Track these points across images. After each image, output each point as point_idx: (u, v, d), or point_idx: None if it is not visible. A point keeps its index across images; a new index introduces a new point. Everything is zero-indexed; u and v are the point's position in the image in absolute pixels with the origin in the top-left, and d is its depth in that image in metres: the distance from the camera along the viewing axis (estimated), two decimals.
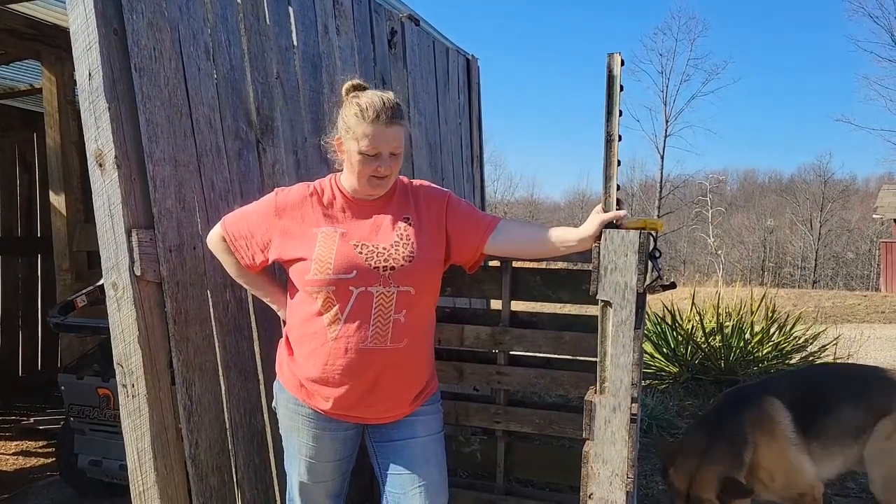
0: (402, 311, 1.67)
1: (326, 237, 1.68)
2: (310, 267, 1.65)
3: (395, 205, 1.75)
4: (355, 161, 1.66)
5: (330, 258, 1.64)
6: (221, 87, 2.07)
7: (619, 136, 1.62)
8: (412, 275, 1.67)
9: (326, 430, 1.75)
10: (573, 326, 2.21)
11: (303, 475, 1.79)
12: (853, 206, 34.26)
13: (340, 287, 1.63)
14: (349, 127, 1.66)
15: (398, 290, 1.66)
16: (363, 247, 1.67)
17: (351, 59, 2.80)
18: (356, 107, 1.65)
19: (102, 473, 2.94)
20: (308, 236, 1.69)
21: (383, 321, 1.65)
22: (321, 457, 1.77)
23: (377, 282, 1.64)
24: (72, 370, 3.03)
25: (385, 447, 1.77)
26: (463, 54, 4.33)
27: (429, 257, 1.71)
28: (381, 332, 1.66)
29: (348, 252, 1.65)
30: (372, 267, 1.64)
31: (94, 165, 1.76)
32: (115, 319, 1.80)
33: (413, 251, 1.68)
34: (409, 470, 1.73)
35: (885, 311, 11.85)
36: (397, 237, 1.69)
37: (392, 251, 1.67)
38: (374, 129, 1.62)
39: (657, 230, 1.64)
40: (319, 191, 1.76)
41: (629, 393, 1.58)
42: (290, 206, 1.73)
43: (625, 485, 1.59)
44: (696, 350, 4.86)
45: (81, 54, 1.73)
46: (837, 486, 3.24)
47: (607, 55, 1.61)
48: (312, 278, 1.64)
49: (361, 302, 1.64)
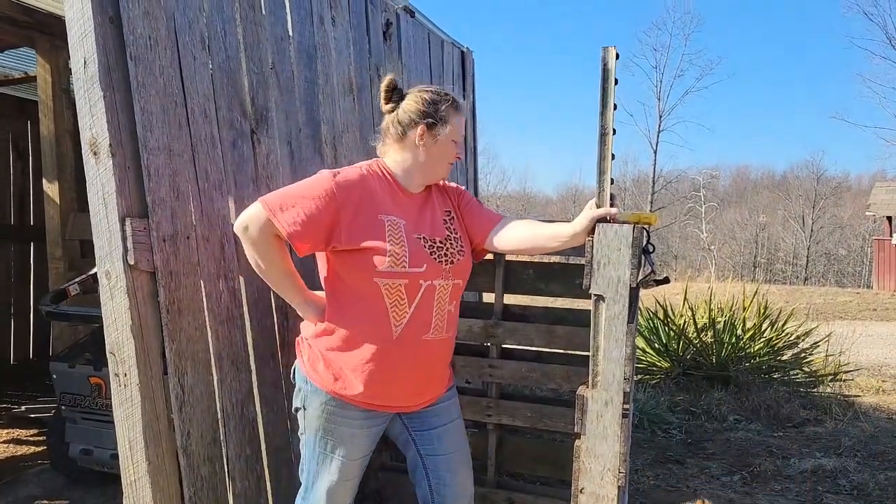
0: (454, 303, 1.78)
1: (393, 228, 1.67)
2: (384, 259, 1.63)
3: (435, 198, 1.83)
4: (445, 147, 1.76)
5: (404, 252, 1.65)
6: (217, 77, 2.05)
7: (614, 130, 1.62)
8: (464, 268, 1.79)
9: (363, 427, 1.76)
10: (566, 320, 2.22)
11: (334, 474, 1.76)
12: (845, 204, 34.40)
13: (412, 280, 1.67)
14: (443, 116, 1.74)
15: (453, 283, 1.75)
16: (425, 240, 1.72)
17: (346, 51, 2.79)
18: (447, 98, 1.76)
19: (94, 462, 2.94)
20: (375, 223, 1.65)
21: (441, 313, 1.74)
22: (354, 454, 1.77)
23: (440, 275, 1.71)
24: (63, 358, 3.02)
25: (428, 434, 1.85)
26: (458, 46, 4.32)
27: (469, 250, 1.82)
28: (440, 324, 1.75)
29: (418, 246, 1.69)
30: (437, 261, 1.71)
31: (88, 154, 1.75)
32: (108, 308, 1.79)
33: (463, 246, 1.79)
34: (453, 450, 1.86)
35: (876, 308, 11.93)
36: (447, 231, 1.78)
37: (447, 245, 1.75)
38: (459, 117, 1.78)
39: (651, 224, 1.64)
40: (372, 175, 1.72)
41: (621, 387, 1.59)
42: (353, 188, 1.66)
43: (616, 480, 1.60)
44: (688, 345, 4.88)
45: (77, 42, 1.72)
46: (829, 483, 3.27)
47: (602, 48, 1.61)
48: (388, 270, 1.63)
49: (428, 295, 1.70)
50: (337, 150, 2.63)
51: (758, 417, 4.25)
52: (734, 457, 3.63)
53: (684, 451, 3.74)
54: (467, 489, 1.88)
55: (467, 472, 1.89)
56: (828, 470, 3.39)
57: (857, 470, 3.39)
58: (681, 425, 4.08)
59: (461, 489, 1.86)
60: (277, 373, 2.22)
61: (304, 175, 1.95)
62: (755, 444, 3.81)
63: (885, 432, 4.04)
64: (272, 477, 2.17)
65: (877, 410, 4.64)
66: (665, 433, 3.97)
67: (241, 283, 2.09)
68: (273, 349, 2.21)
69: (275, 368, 2.21)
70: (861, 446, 3.75)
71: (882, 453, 3.66)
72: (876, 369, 6.20)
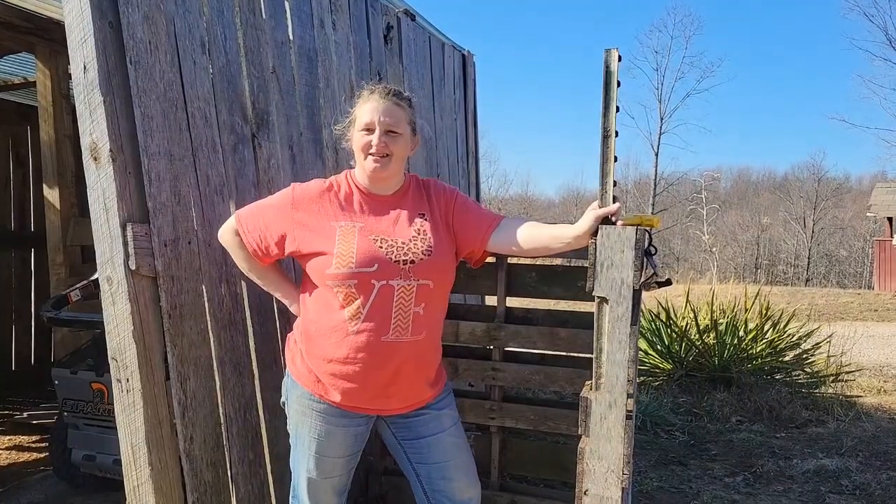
0: (422, 304, 1.72)
1: (345, 231, 1.70)
2: (331, 261, 1.67)
3: (410, 201, 1.80)
4: (356, 140, 1.74)
5: (352, 252, 1.66)
6: (217, 81, 2.05)
7: (616, 132, 1.62)
8: (431, 268, 1.72)
9: (339, 426, 1.77)
10: (568, 323, 2.22)
11: (311, 471, 1.79)
12: (846, 205, 34.40)
13: (363, 281, 1.66)
14: (353, 113, 1.76)
15: (418, 284, 1.70)
16: (382, 241, 1.70)
17: (347, 54, 2.79)
18: (360, 91, 1.78)
19: (96, 468, 2.93)
20: (327, 230, 1.71)
21: (404, 314, 1.70)
22: (331, 452, 1.78)
23: (398, 275, 1.68)
24: (65, 364, 3.01)
25: (417, 444, 1.82)
26: (459, 50, 4.33)
27: (445, 251, 1.77)
28: (403, 325, 1.70)
29: (369, 246, 1.68)
30: (393, 260, 1.68)
31: (88, 159, 1.75)
32: (110, 314, 1.79)
33: (431, 245, 1.73)
34: (446, 459, 1.83)
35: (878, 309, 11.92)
36: (415, 232, 1.74)
37: (411, 245, 1.71)
38: (370, 104, 1.72)
39: (653, 227, 1.64)
40: (336, 186, 1.79)
41: (625, 389, 1.59)
42: (307, 200, 1.77)
43: (620, 481, 1.59)
44: (690, 347, 4.88)
45: (76, 47, 1.72)
46: (831, 483, 3.26)
47: (605, 51, 1.61)
48: (335, 272, 1.66)
49: (383, 295, 1.67)
50: (338, 154, 2.63)
51: (760, 418, 4.24)
52: (737, 458, 3.63)
53: (687, 452, 3.73)
54: (465, 494, 1.85)
55: (466, 479, 1.86)
56: (830, 470, 3.39)
57: (860, 470, 3.39)
58: (683, 427, 4.07)
59: (458, 496, 1.84)
60: (280, 378, 2.21)
61: (305, 178, 1.96)
62: (758, 445, 3.80)
63: (887, 432, 4.03)
64: (275, 482, 2.16)
65: (878, 411, 4.63)
66: (668, 435, 3.96)
67: (243, 288, 2.09)
68: (275, 354, 2.21)
69: (277, 373, 2.21)
70: (863, 446, 3.75)
71: (884, 453, 3.65)
72: (877, 370, 6.19)
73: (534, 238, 1.78)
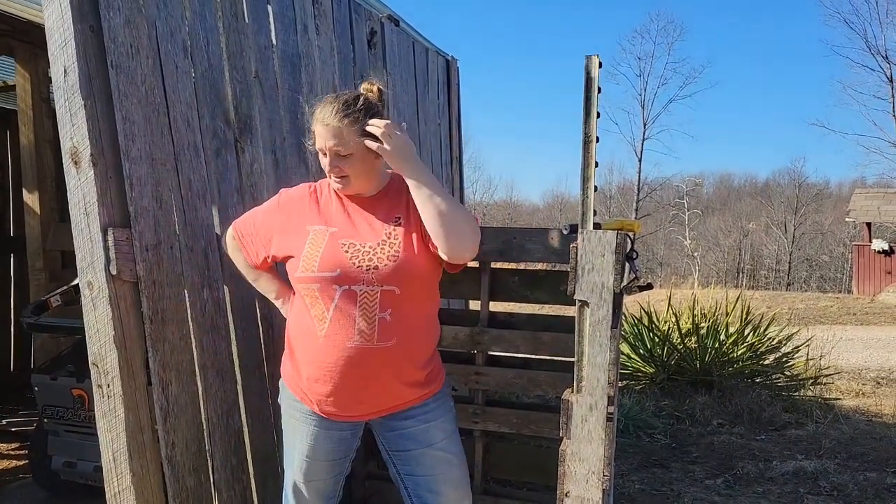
0: (388, 310, 1.66)
1: (317, 235, 1.71)
2: (297, 264, 1.68)
3: (387, 203, 1.76)
4: (321, 159, 1.74)
5: (316, 256, 1.67)
6: (199, 86, 2.05)
7: (597, 137, 1.64)
8: (395, 274, 1.66)
9: (322, 429, 1.76)
10: (551, 327, 2.23)
11: (297, 473, 1.80)
12: (826, 210, 34.93)
13: (325, 285, 1.65)
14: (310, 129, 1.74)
15: (382, 289, 1.65)
16: (350, 245, 1.68)
17: (330, 59, 2.80)
18: (313, 108, 1.72)
19: (77, 475, 2.90)
20: (301, 234, 1.72)
21: (369, 320, 1.66)
22: (316, 455, 1.78)
23: (360, 281, 1.65)
24: (45, 371, 2.98)
25: (404, 455, 1.79)
26: (443, 55, 4.35)
27: (414, 257, 1.69)
28: (367, 331, 1.66)
29: (334, 250, 1.67)
30: (356, 266, 1.65)
31: (69, 163, 1.74)
32: (91, 319, 1.78)
33: (398, 251, 1.67)
34: (434, 473, 1.78)
35: (856, 312, 12.10)
36: (385, 236, 1.70)
37: (378, 250, 1.67)
38: (318, 127, 1.69)
39: (634, 231, 1.66)
40: (318, 190, 1.81)
41: (605, 392, 1.60)
42: (291, 203, 1.79)
43: (601, 483, 1.61)
44: (672, 351, 4.92)
45: (57, 51, 1.71)
46: (810, 484, 3.31)
47: (585, 57, 1.63)
48: (300, 275, 1.68)
49: (345, 300, 1.65)
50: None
51: (741, 421, 4.28)
52: (717, 460, 3.67)
53: (669, 455, 3.76)
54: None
55: (455, 494, 1.81)
56: (809, 472, 3.44)
57: (837, 471, 3.44)
58: (665, 430, 4.11)
59: None
60: (263, 382, 2.21)
61: (287, 184, 1.96)
62: (738, 447, 3.84)
63: (864, 434, 4.10)
64: (258, 487, 2.15)
65: (856, 413, 4.71)
66: (650, 438, 4.00)
67: (225, 293, 2.08)
68: (259, 359, 2.20)
69: (260, 378, 2.20)
70: (841, 448, 3.80)
71: (861, 454, 3.71)
72: (856, 373, 6.29)
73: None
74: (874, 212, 17.38)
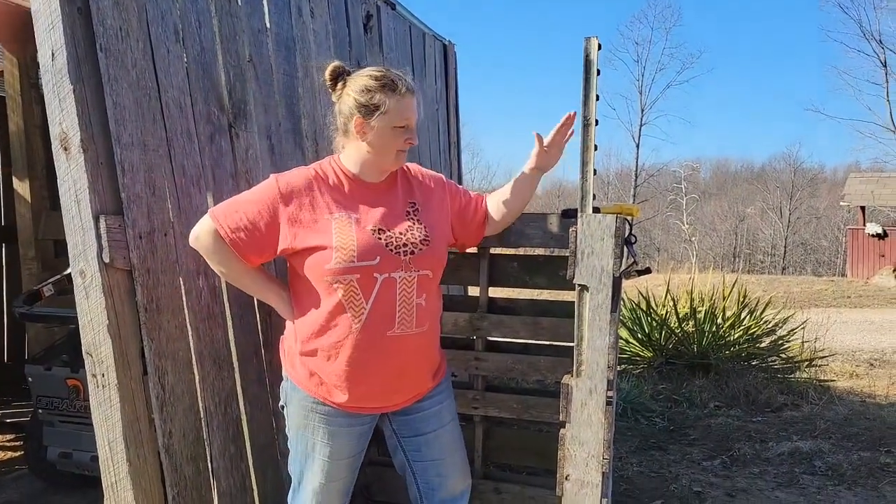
0: (423, 296, 1.68)
1: (342, 224, 1.62)
2: (331, 256, 1.59)
3: (399, 189, 1.74)
4: (387, 136, 1.63)
5: (352, 245, 1.59)
6: (192, 70, 2.01)
7: (596, 120, 1.62)
8: (430, 258, 1.68)
9: (343, 426, 1.72)
10: (550, 312, 2.22)
11: (318, 475, 1.74)
12: (821, 195, 35.04)
13: (365, 274, 1.60)
14: (378, 103, 1.61)
15: (419, 275, 1.65)
16: (380, 232, 1.64)
17: (326, 43, 2.76)
18: (380, 81, 1.62)
19: (73, 465, 2.89)
20: (322, 224, 1.62)
21: (408, 307, 1.65)
22: (338, 455, 1.74)
23: (399, 267, 1.63)
24: (39, 361, 2.95)
25: (416, 440, 1.80)
26: (440, 40, 4.30)
27: (440, 240, 1.74)
28: (407, 318, 1.65)
29: (368, 238, 1.62)
30: (393, 253, 1.62)
31: (58, 149, 1.70)
32: (84, 308, 1.75)
33: (427, 234, 1.69)
34: (442, 456, 1.82)
35: (850, 295, 12.19)
36: (410, 221, 1.69)
37: (409, 235, 1.66)
38: (406, 100, 1.63)
39: (633, 216, 1.65)
40: (323, 175, 1.70)
41: (605, 376, 1.60)
42: (297, 192, 1.66)
43: (601, 466, 1.61)
44: (670, 335, 4.94)
45: (44, 34, 1.67)
46: (805, 464, 3.33)
47: (584, 39, 1.61)
48: (335, 267, 1.59)
49: (386, 289, 1.62)
50: (318, 144, 2.60)
51: (737, 403, 4.31)
52: (715, 442, 3.69)
53: (667, 437, 3.78)
54: (457, 489, 1.86)
55: (459, 475, 1.86)
56: (804, 452, 3.47)
57: (832, 451, 3.48)
58: (663, 413, 4.12)
59: (450, 493, 1.84)
60: (261, 370, 2.19)
61: (284, 169, 1.93)
62: (735, 429, 3.87)
63: (858, 415, 4.13)
64: (257, 475, 2.15)
65: (850, 394, 4.74)
66: (648, 421, 4.01)
67: (221, 280, 2.06)
68: (256, 346, 2.19)
69: (258, 366, 2.19)
70: (835, 429, 3.83)
71: (855, 435, 3.74)
72: (850, 355, 6.33)
73: (500, 209, 1.87)
74: (868, 196, 17.44)
